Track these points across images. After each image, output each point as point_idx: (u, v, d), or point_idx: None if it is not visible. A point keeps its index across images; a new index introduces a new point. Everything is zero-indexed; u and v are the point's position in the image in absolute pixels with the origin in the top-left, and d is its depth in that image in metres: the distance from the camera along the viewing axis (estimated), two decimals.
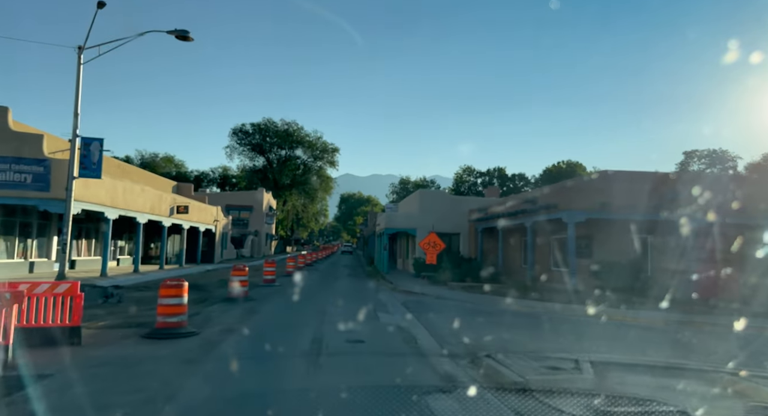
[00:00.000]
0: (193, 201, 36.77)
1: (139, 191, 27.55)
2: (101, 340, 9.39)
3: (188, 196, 42.64)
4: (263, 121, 72.78)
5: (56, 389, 6.29)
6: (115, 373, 7.21)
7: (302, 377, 7.30)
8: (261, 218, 58.05)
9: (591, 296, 16.51)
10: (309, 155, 76.08)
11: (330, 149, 76.55)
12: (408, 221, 30.47)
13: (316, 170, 77.21)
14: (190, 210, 35.04)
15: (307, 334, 10.52)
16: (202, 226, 38.20)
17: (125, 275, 24.51)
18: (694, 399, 6.33)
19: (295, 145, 74.40)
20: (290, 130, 73.44)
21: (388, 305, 16.06)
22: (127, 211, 26.04)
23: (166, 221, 31.36)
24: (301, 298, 17.73)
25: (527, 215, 21.36)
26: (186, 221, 34.54)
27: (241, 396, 6.27)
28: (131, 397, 5.95)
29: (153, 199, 29.37)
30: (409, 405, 5.83)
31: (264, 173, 73.95)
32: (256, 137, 73.04)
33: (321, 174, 77.83)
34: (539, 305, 16.27)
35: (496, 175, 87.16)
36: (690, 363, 8.56)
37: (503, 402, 6.01)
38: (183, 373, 7.21)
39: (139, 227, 27.99)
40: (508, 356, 8.39)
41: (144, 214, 28.07)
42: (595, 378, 7.28)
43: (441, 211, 29.69)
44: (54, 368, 7.15)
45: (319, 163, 76.97)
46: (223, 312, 13.47)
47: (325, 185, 79.00)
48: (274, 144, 73.85)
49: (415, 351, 9.10)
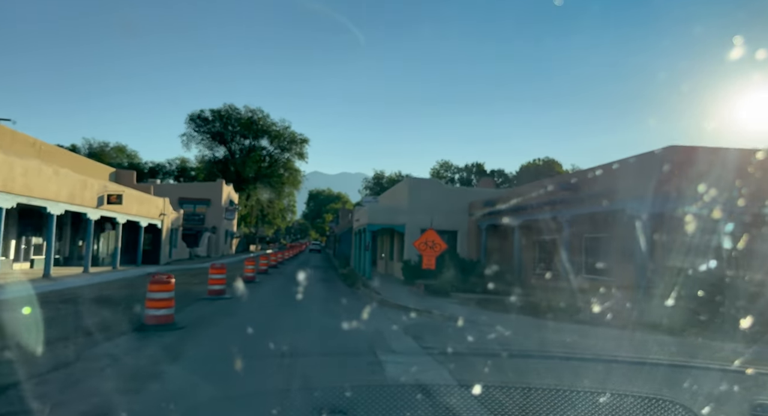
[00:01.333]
0: (132, 191, 30.52)
1: (51, 174, 21.30)
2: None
3: (129, 185, 36.21)
4: (225, 107, 66.22)
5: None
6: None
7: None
8: (220, 214, 51.71)
9: (680, 322, 11.47)
10: (275, 145, 69.85)
11: (299, 139, 70.52)
12: (395, 215, 25.07)
13: (284, 162, 71.07)
14: (128, 201, 28.82)
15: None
16: (143, 220, 31.96)
17: (19, 284, 18.29)
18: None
19: (260, 134, 68.07)
20: (255, 118, 67.06)
21: (387, 336, 10.62)
22: (30, 198, 19.83)
23: (92, 212, 25.14)
24: (257, 322, 12.13)
25: (566, 205, 16.21)
26: (122, 213, 28.31)
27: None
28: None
29: (73, 185, 23.14)
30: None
31: (225, 165, 67.39)
32: (217, 124, 66.40)
33: (288, 167, 71.71)
34: (622, 336, 11.12)
35: (474, 170, 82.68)
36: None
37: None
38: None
39: (51, 219, 21.76)
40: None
41: (59, 203, 21.85)
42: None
43: (435, 204, 24.39)
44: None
45: (287, 155, 70.86)
46: (84, 377, 7.25)
47: (292, 179, 72.89)
48: (237, 133, 67.34)
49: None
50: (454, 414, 4.55)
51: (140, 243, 32.16)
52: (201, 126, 66.37)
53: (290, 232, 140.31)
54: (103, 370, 7.17)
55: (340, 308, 15.36)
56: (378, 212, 25.22)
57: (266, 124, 67.78)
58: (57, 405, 5.54)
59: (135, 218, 30.66)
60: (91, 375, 6.87)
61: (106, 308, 13.46)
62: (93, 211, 25.19)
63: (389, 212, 25.31)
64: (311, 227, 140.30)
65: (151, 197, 33.93)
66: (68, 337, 9.22)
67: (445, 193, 25.12)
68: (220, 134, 66.82)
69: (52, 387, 6.20)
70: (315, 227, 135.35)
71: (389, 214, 25.10)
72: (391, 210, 25.45)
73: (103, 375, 6.89)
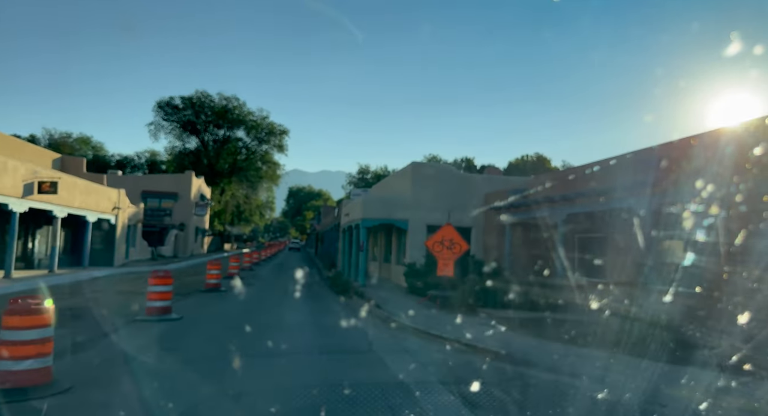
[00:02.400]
0: (75, 179, 25.42)
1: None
2: None
3: (78, 174, 30.97)
4: (197, 94, 60.72)
5: None
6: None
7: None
8: (189, 209, 46.49)
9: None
10: (253, 136, 64.59)
11: (278, 130, 65.32)
12: (394, 209, 20.49)
13: (261, 154, 65.84)
14: (69, 191, 23.74)
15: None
16: (91, 214, 26.85)
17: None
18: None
19: (235, 124, 62.74)
20: (230, 106, 61.70)
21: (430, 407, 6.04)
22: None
23: (16, 203, 20.05)
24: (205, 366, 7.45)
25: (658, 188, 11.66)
26: (60, 205, 23.22)
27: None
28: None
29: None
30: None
31: (197, 157, 61.94)
32: (188, 112, 60.89)
33: (267, 160, 66.49)
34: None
35: (464, 166, 78.52)
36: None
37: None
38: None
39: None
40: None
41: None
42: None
43: (445, 194, 19.88)
44: None
45: (265, 147, 65.63)
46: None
47: (271, 173, 67.70)
48: (210, 122, 61.92)
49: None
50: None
51: (86, 242, 27.01)
52: (170, 114, 60.83)
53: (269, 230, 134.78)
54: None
55: (336, 340, 10.69)
56: (375, 205, 20.60)
57: (242, 113, 62.53)
58: None
59: (79, 211, 25.56)
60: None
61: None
62: (17, 201, 20.10)
63: (388, 204, 20.72)
64: (291, 225, 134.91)
65: (101, 188, 28.79)
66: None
67: (457, 181, 20.53)
68: (191, 123, 61.35)
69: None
70: (295, 225, 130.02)
71: (388, 207, 20.52)
72: (391, 203, 20.87)
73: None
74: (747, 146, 10.27)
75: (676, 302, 10.65)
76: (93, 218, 27.23)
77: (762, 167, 10.00)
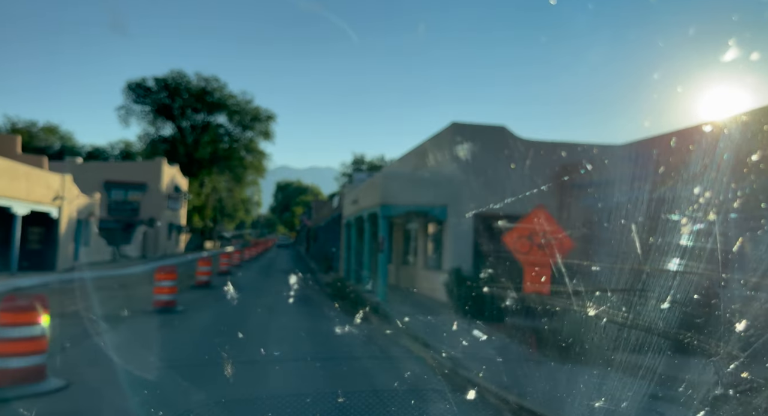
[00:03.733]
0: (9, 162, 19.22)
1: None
2: None
3: (10, 156, 24.60)
4: (171, 74, 54.08)
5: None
6: None
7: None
8: (161, 202, 40.14)
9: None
10: (236, 122, 58.16)
11: (264, 116, 58.98)
12: (425, 191, 14.55)
13: (246, 142, 59.48)
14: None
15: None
16: (21, 206, 20.65)
17: None
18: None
19: (215, 109, 56.25)
20: (209, 88, 55.21)
21: None
22: None
23: None
24: None
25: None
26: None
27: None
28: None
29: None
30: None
31: (173, 145, 55.37)
32: (162, 95, 54.30)
33: (251, 148, 60.14)
34: None
35: None
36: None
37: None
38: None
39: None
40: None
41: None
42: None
43: (501, 169, 13.96)
44: None
45: (250, 134, 59.24)
46: None
47: (257, 163, 61.39)
48: (187, 107, 55.35)
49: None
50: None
51: (14, 239, 20.77)
52: (142, 97, 54.17)
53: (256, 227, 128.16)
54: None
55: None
56: (401, 185, 14.58)
57: (223, 96, 56.05)
58: None
59: (2, 201, 19.37)
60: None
61: None
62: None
63: (419, 185, 14.73)
64: (279, 222, 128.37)
65: (36, 172, 22.52)
66: None
67: (519, 149, 14.45)
68: (166, 107, 54.73)
69: None
70: (283, 221, 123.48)
71: (419, 188, 14.53)
72: (423, 183, 14.89)
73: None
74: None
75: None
76: (23, 210, 21.00)
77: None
